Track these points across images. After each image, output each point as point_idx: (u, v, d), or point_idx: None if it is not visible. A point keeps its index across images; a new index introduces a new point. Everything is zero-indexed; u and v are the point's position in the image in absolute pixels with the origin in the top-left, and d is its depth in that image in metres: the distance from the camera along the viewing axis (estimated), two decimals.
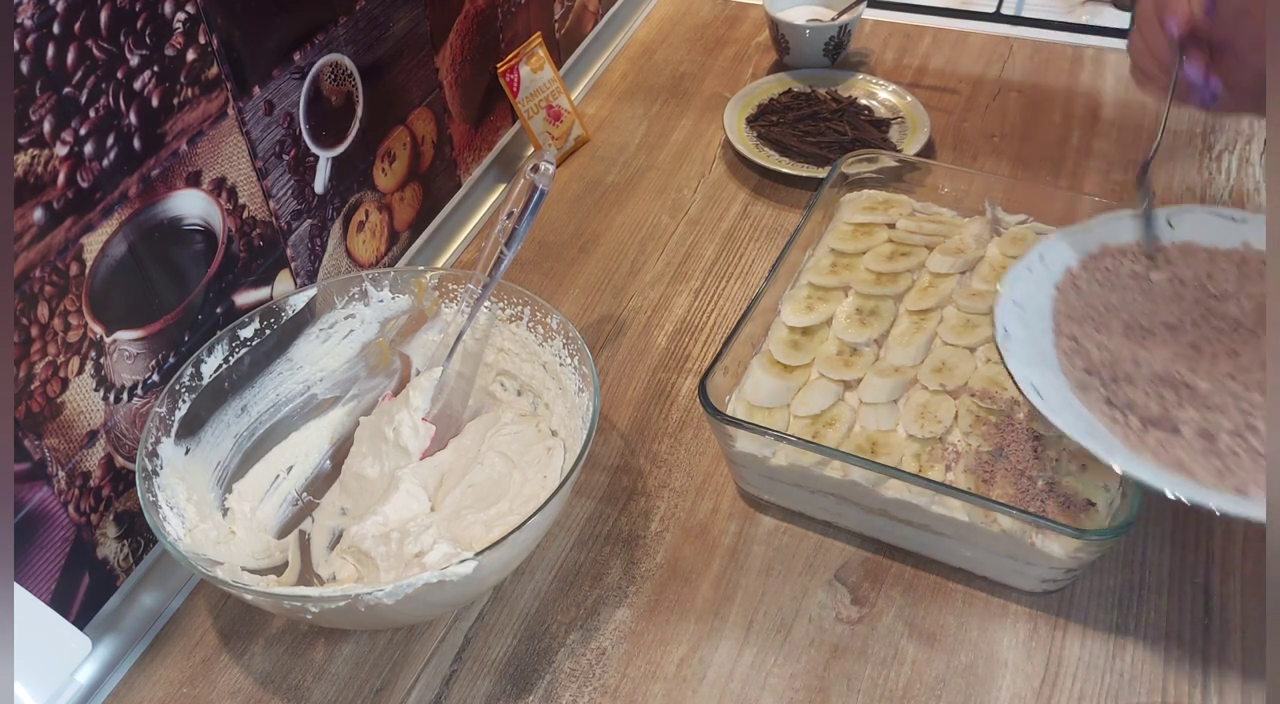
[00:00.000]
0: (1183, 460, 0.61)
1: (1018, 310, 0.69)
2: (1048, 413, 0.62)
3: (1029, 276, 0.72)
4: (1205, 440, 0.62)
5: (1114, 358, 0.68)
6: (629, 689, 0.66)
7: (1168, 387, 0.65)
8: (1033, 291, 0.71)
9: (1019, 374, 0.64)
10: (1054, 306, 0.71)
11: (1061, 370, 0.67)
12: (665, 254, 0.99)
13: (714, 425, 0.71)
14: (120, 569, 0.71)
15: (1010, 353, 0.66)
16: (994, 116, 1.12)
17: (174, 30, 0.64)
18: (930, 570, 0.71)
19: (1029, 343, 0.68)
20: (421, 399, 0.76)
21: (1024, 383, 0.64)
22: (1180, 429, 0.62)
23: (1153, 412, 0.64)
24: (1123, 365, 0.67)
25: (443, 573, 0.59)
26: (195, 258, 0.72)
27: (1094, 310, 0.71)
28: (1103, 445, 0.60)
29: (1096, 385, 0.66)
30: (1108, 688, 0.65)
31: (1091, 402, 0.65)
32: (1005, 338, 0.67)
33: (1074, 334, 0.69)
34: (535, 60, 1.08)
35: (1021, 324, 0.69)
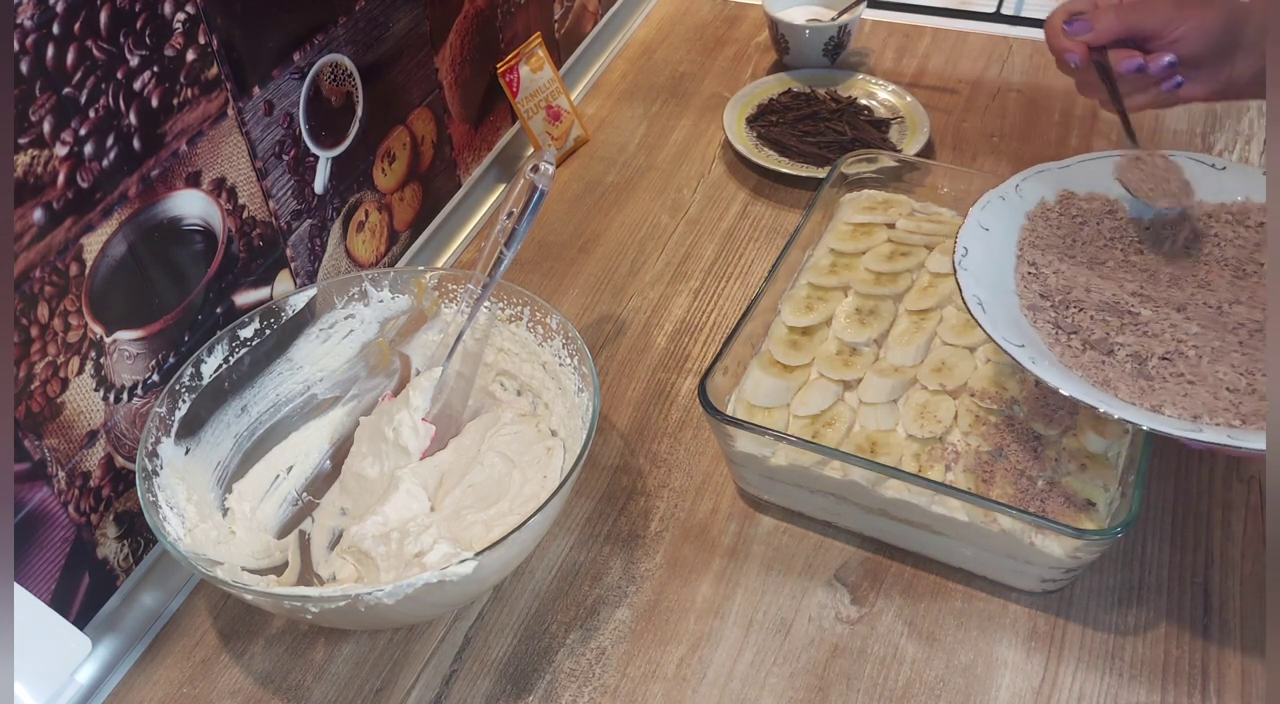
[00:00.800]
0: (1110, 379, 0.63)
1: (982, 233, 0.71)
2: (988, 325, 0.64)
3: (1001, 204, 0.74)
4: (1135, 362, 0.64)
5: (1069, 285, 0.70)
6: (629, 689, 0.66)
7: (1113, 313, 0.68)
8: (1002, 217, 0.73)
9: (967, 289, 0.66)
10: (1021, 234, 0.73)
11: (1016, 293, 0.69)
12: (665, 254, 0.99)
13: (714, 425, 0.71)
14: (120, 569, 0.71)
15: (964, 269, 0.68)
16: (994, 116, 1.12)
17: (174, 30, 0.64)
18: (930, 570, 0.71)
19: (988, 264, 0.70)
20: (421, 399, 0.76)
21: (970, 297, 0.65)
22: (1115, 352, 0.65)
23: (1095, 336, 0.66)
24: (1075, 292, 0.69)
25: (443, 573, 0.59)
26: (195, 258, 0.72)
27: (1061, 241, 0.73)
28: (1034, 358, 0.62)
29: (1047, 308, 0.69)
30: (1108, 688, 0.65)
31: (1039, 323, 0.68)
32: (964, 256, 0.69)
33: (1035, 261, 0.71)
34: (535, 60, 1.08)
35: (984, 246, 0.70)
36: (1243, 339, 0.65)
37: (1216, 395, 0.61)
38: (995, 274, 0.70)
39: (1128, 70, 0.72)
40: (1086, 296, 0.69)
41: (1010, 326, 0.65)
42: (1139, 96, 0.75)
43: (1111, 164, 0.76)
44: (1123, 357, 0.65)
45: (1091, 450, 0.70)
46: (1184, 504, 0.74)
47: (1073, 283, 0.70)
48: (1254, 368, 0.63)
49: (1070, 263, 0.72)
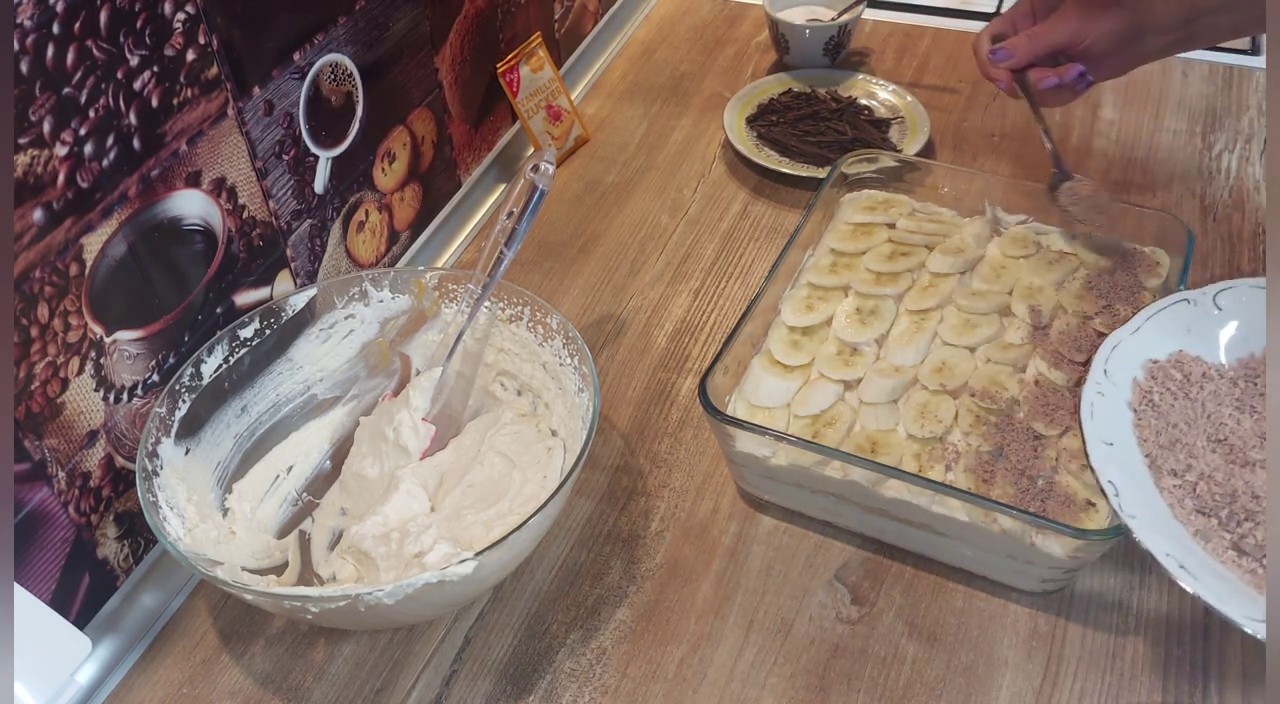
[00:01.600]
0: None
1: (1110, 451, 0.65)
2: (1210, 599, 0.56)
3: (1103, 402, 0.68)
4: None
5: (1226, 492, 0.63)
6: (629, 689, 0.66)
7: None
8: (1112, 419, 0.68)
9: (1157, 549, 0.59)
10: (1137, 434, 0.67)
11: (1175, 518, 0.63)
12: (665, 254, 0.99)
13: (714, 425, 0.71)
14: (120, 569, 0.71)
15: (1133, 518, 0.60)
16: (994, 116, 1.12)
17: (174, 30, 0.64)
18: (930, 570, 0.71)
19: (1135, 492, 0.63)
20: (421, 399, 0.76)
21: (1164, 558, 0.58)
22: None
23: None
24: (1240, 501, 0.62)
25: (443, 573, 0.59)
26: (195, 258, 0.72)
27: (1178, 431, 0.67)
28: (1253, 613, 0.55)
29: (1216, 528, 0.62)
30: (1108, 688, 0.65)
31: (1220, 552, 0.61)
32: (1116, 495, 0.62)
33: (1173, 469, 0.65)
34: (535, 60, 1.08)
35: (1120, 469, 0.64)
36: None
37: None
38: (1146, 503, 0.62)
39: (1046, 87, 0.82)
40: (1255, 504, 0.62)
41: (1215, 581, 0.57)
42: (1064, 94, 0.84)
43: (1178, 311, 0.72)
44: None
45: None
46: None
47: (1228, 487, 0.63)
48: None
49: (1202, 455, 0.65)
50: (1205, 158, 1.03)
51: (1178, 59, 1.16)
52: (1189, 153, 1.04)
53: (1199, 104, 1.10)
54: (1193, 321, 0.72)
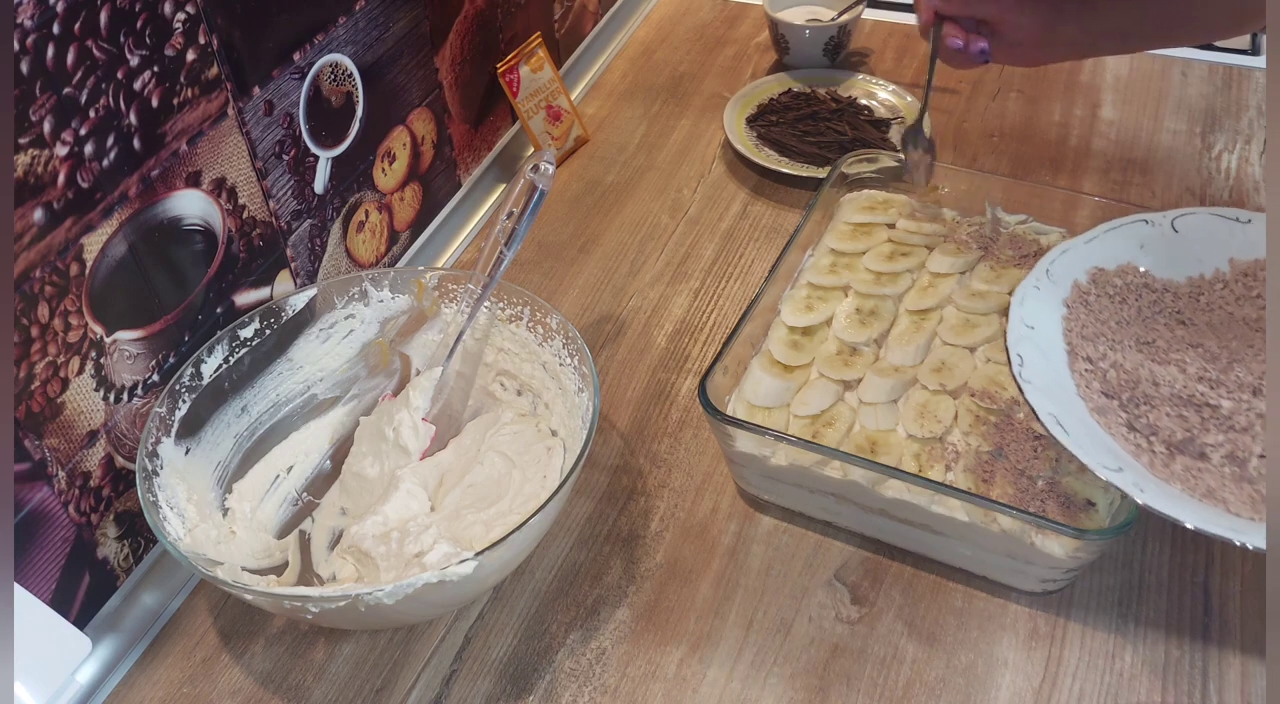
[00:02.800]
0: (1213, 489, 0.59)
1: (1030, 332, 0.68)
2: (1075, 449, 0.60)
3: (1037, 295, 0.71)
4: (1234, 466, 0.60)
5: (1131, 378, 0.66)
6: (629, 689, 0.66)
7: (1190, 408, 0.64)
8: (1042, 310, 0.70)
9: (1040, 407, 0.63)
10: (1065, 326, 0.70)
11: (1079, 395, 0.66)
12: (665, 254, 0.99)
13: (714, 425, 0.71)
14: (120, 569, 0.71)
15: (1028, 383, 0.64)
16: (994, 117, 1.12)
17: (174, 30, 0.64)
18: (930, 570, 0.71)
19: (1044, 369, 0.66)
20: (421, 399, 0.76)
21: (1046, 417, 0.62)
22: (1208, 454, 0.61)
23: (1177, 436, 0.62)
24: (1141, 386, 0.66)
25: (443, 573, 0.59)
26: (195, 258, 0.72)
27: (1106, 327, 0.71)
28: (1140, 485, 0.58)
29: (1116, 408, 0.65)
30: (1108, 688, 0.65)
31: (1112, 427, 0.64)
32: (1021, 365, 0.65)
33: (1089, 355, 0.68)
34: (535, 60, 1.08)
35: (1035, 348, 0.67)
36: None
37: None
38: (1054, 378, 0.66)
39: (951, 46, 0.81)
40: (1155, 390, 0.65)
41: (1093, 442, 0.62)
42: (961, 61, 0.83)
43: (1134, 229, 0.74)
44: (1219, 460, 0.60)
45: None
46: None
47: (1134, 375, 0.67)
48: None
49: (1121, 349, 0.69)
50: (1205, 158, 1.03)
51: (1177, 59, 1.16)
52: (1188, 153, 1.04)
53: (1198, 104, 1.10)
54: (1147, 240, 0.74)
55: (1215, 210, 0.74)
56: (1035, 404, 0.63)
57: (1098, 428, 0.64)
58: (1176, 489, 0.60)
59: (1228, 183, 1.00)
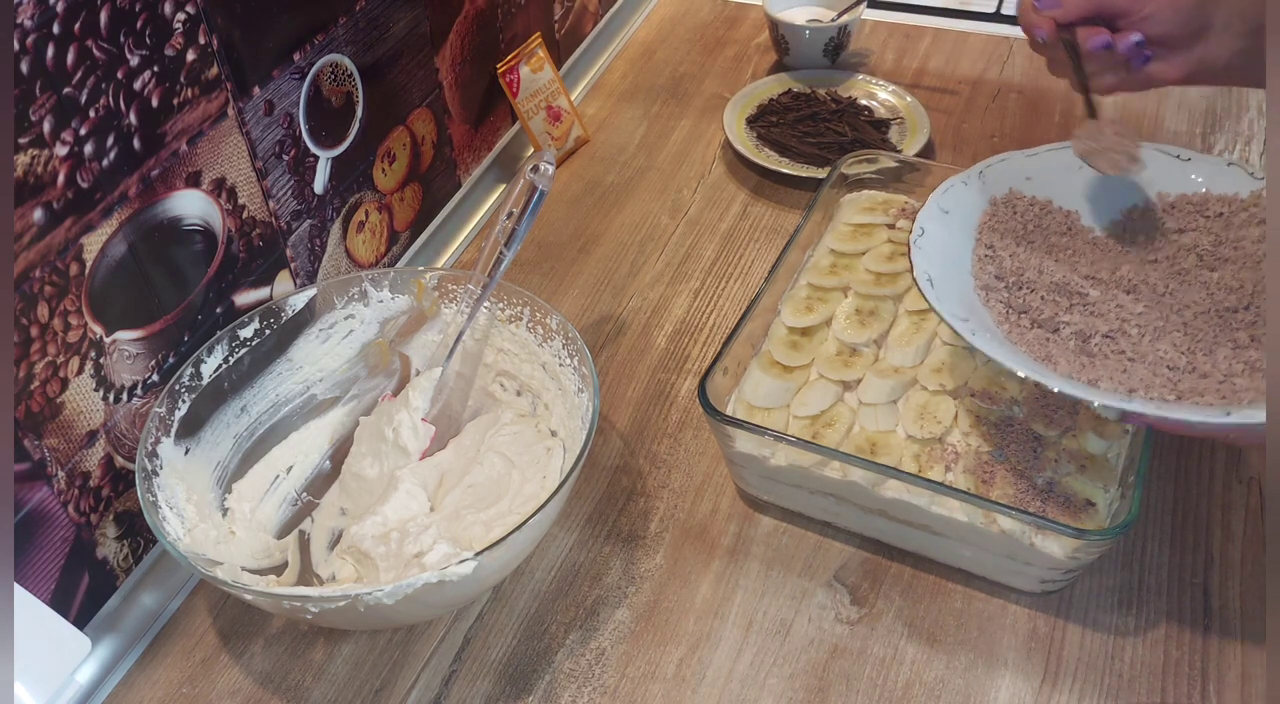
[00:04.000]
0: (1051, 354, 0.64)
1: (942, 215, 0.72)
2: (934, 300, 0.64)
3: (963, 190, 0.74)
4: (1079, 340, 0.65)
5: (1023, 267, 0.71)
6: (628, 689, 0.66)
7: (1063, 294, 0.69)
8: (963, 202, 0.73)
9: (918, 266, 0.67)
10: (981, 219, 0.74)
11: (972, 273, 0.70)
12: (665, 254, 0.99)
13: (713, 426, 0.71)
14: (120, 569, 0.71)
15: (919, 249, 0.68)
16: (994, 117, 1.12)
17: (174, 30, 0.64)
18: (930, 571, 0.71)
19: (946, 245, 0.70)
20: (421, 399, 0.76)
21: (920, 273, 0.66)
22: (1060, 329, 0.66)
23: (1044, 315, 0.67)
24: (1028, 274, 0.70)
25: (442, 573, 0.59)
26: (195, 258, 0.72)
27: (1022, 228, 0.74)
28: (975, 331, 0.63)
29: (1000, 288, 0.69)
30: (1108, 688, 0.65)
31: (991, 302, 0.68)
32: (920, 236, 0.69)
33: (992, 244, 0.72)
34: (535, 61, 1.08)
35: (943, 228, 0.71)
36: (1187, 320, 0.66)
37: (1155, 372, 0.62)
38: (952, 255, 0.71)
39: (1094, 47, 0.70)
40: (1039, 278, 0.70)
41: (959, 303, 0.66)
42: (1108, 76, 0.73)
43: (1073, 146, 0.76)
44: (1067, 334, 0.66)
45: (1091, 451, 0.70)
46: (1184, 505, 0.74)
47: (1026, 265, 0.71)
48: (1195, 347, 0.64)
49: (1028, 248, 0.72)
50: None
51: None
52: None
53: (1199, 105, 1.10)
54: None
55: (1160, 146, 0.76)
56: (915, 263, 0.67)
57: (976, 300, 0.68)
58: (1021, 350, 0.65)
59: None
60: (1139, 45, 0.70)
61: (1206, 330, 0.65)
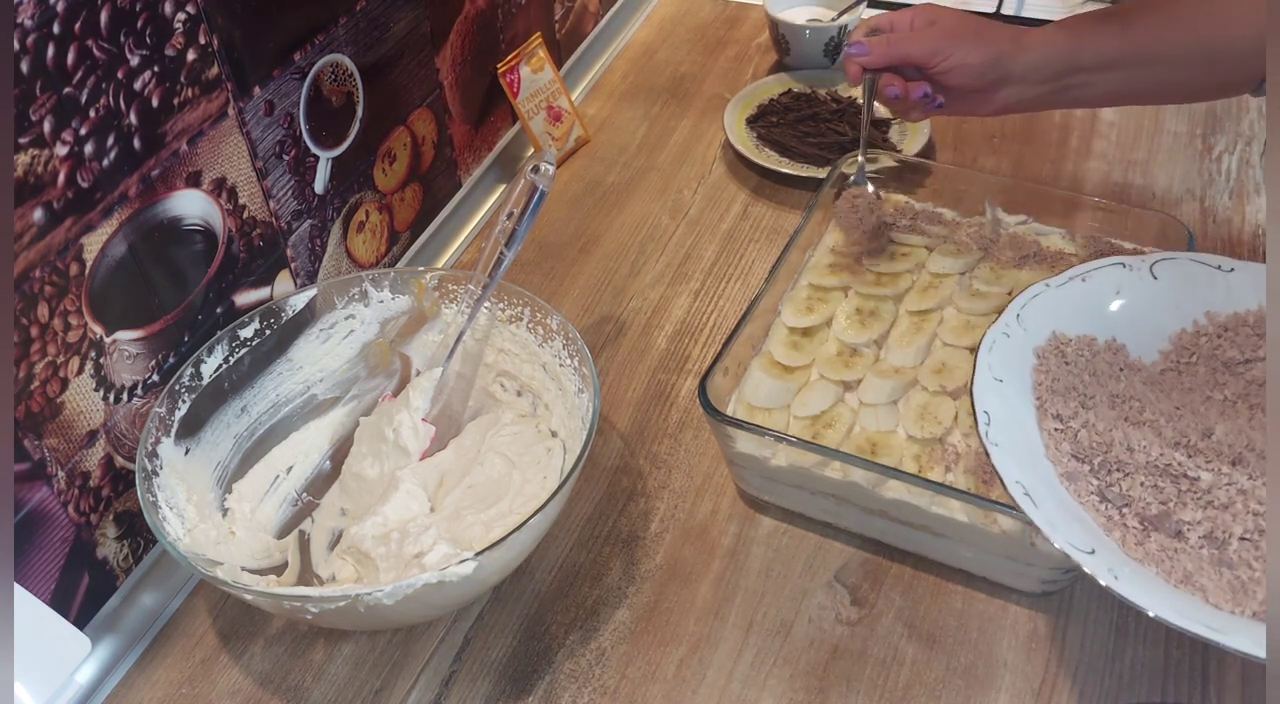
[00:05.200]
0: (1190, 573, 0.56)
1: (997, 386, 0.64)
2: (1045, 525, 0.56)
3: (1007, 343, 0.67)
4: (1213, 548, 0.56)
5: (1104, 441, 0.63)
6: (628, 690, 0.66)
7: (1165, 478, 0.60)
8: (1012, 360, 0.66)
9: (1008, 475, 0.58)
10: (1035, 377, 0.66)
11: (1048, 458, 0.62)
12: (665, 255, 0.99)
13: (714, 426, 0.71)
14: (120, 569, 0.71)
15: (995, 446, 0.60)
16: (994, 117, 1.11)
17: (174, 30, 0.64)
18: (930, 571, 0.71)
19: (1011, 426, 0.62)
20: (421, 400, 0.76)
21: (1013, 485, 0.58)
22: (1185, 533, 0.57)
23: (1152, 510, 0.59)
24: (1115, 451, 0.62)
25: (442, 573, 0.59)
26: (195, 258, 0.72)
27: (1079, 380, 0.66)
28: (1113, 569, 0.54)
29: (1086, 474, 0.61)
30: (1108, 688, 0.65)
31: (1082, 495, 0.60)
32: (988, 424, 0.61)
33: (1059, 413, 0.64)
34: (535, 61, 1.08)
35: (1003, 403, 0.63)
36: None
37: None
38: (1022, 438, 0.62)
39: (889, 96, 0.79)
40: (1130, 457, 0.61)
41: (1063, 515, 0.57)
42: (915, 112, 0.81)
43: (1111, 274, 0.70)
44: (1196, 541, 0.56)
45: None
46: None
47: (1108, 438, 0.62)
48: None
49: (1095, 408, 0.64)
50: (1205, 160, 1.03)
51: None
52: (1189, 155, 1.04)
53: (1199, 106, 1.10)
54: (1124, 285, 0.70)
55: (1196, 256, 0.70)
56: (1002, 471, 0.59)
57: (1067, 496, 0.60)
58: (1152, 572, 0.56)
59: (1228, 184, 1.00)
60: (926, 97, 0.78)
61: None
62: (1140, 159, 1.04)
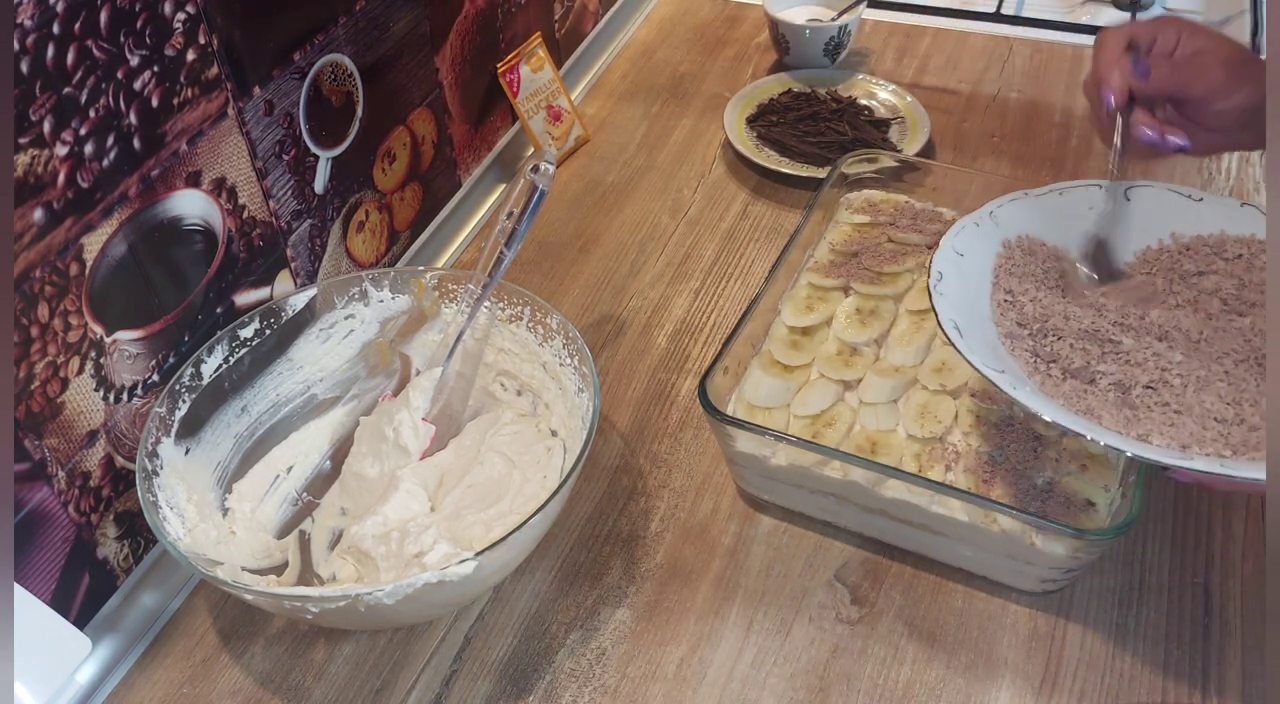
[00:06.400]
0: (1092, 407, 0.62)
1: (957, 258, 0.69)
2: (965, 350, 0.62)
3: (976, 230, 0.72)
4: (1119, 391, 0.63)
5: (1046, 313, 0.68)
6: (629, 689, 0.66)
7: (1093, 342, 0.66)
8: (977, 244, 0.71)
9: (943, 314, 0.64)
10: (996, 261, 0.71)
11: (993, 320, 0.68)
12: (665, 254, 0.99)
13: (714, 425, 0.71)
14: (120, 569, 0.71)
15: (940, 295, 0.66)
16: (994, 117, 1.12)
17: (174, 30, 0.64)
18: (930, 570, 0.71)
19: (963, 290, 0.68)
20: (421, 399, 0.76)
21: (946, 321, 0.64)
22: (1097, 380, 0.64)
23: (1075, 364, 0.65)
24: (1053, 320, 0.68)
25: (443, 573, 0.59)
26: (195, 258, 0.72)
27: (1039, 270, 0.72)
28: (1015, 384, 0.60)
29: (1025, 336, 0.67)
30: (1108, 688, 0.65)
31: (1017, 351, 0.66)
32: (939, 281, 0.67)
33: (1011, 288, 0.70)
34: (535, 60, 1.08)
35: (959, 272, 0.69)
36: (1228, 369, 0.63)
37: (1204, 425, 0.60)
38: (971, 300, 0.68)
39: (1141, 139, 0.68)
40: (1065, 324, 0.67)
41: (988, 353, 0.64)
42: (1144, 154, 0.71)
43: (1086, 193, 0.74)
44: (1105, 385, 0.63)
45: (1091, 451, 0.70)
46: (1184, 505, 0.74)
47: (1050, 311, 0.68)
48: (1240, 398, 0.61)
49: (1048, 292, 0.70)
50: (1205, 160, 1.03)
51: None
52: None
53: None
54: (1096, 201, 0.74)
55: (1172, 186, 0.74)
56: (939, 310, 0.64)
57: (999, 345, 0.66)
58: (1058, 402, 0.62)
59: (1228, 183, 1.00)
60: (1181, 149, 0.67)
61: (1249, 380, 0.62)
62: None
